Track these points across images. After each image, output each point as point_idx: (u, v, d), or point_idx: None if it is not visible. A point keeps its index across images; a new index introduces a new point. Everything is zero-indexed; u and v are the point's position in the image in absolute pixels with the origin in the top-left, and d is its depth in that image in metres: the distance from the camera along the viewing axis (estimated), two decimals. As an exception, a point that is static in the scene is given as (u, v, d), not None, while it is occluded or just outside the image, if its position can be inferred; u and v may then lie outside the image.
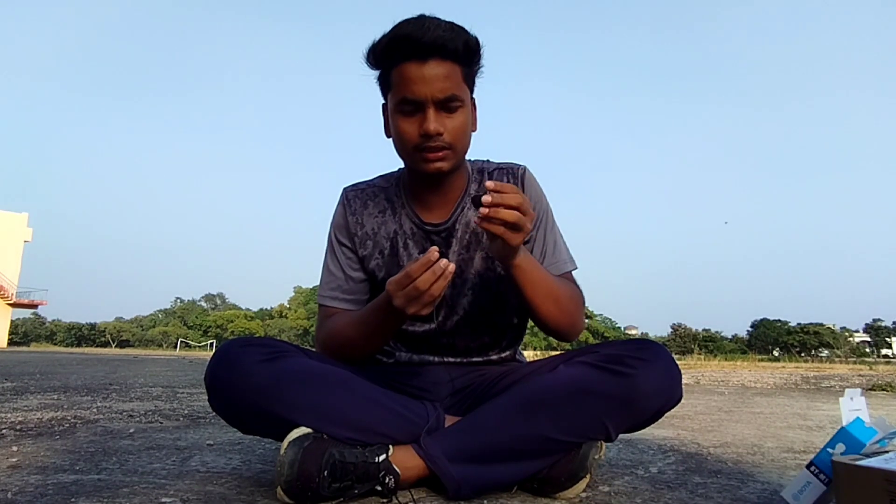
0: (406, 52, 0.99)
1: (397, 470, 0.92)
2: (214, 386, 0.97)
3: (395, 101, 1.03)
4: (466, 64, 1.04)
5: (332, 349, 1.12)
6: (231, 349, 0.98)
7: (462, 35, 1.01)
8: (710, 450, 1.52)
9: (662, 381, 0.97)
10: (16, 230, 34.93)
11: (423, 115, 1.01)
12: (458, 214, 1.15)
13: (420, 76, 0.99)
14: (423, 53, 0.99)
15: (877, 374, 6.87)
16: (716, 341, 58.09)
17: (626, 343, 1.02)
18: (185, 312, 73.65)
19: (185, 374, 5.37)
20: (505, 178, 1.18)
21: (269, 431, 0.98)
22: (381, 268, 1.16)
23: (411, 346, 1.19)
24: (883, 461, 0.73)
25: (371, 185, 1.22)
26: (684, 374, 6.55)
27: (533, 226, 1.12)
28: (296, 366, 0.97)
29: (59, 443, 1.45)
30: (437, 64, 0.99)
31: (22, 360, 8.24)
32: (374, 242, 1.17)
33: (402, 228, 1.16)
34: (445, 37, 0.99)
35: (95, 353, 18.92)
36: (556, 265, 1.15)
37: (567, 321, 1.09)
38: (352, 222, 1.18)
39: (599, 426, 0.95)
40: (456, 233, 1.15)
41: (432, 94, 0.99)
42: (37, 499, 0.91)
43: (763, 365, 12.37)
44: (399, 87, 1.02)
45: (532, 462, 0.96)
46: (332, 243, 1.20)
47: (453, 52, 1.00)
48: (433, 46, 0.98)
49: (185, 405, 2.49)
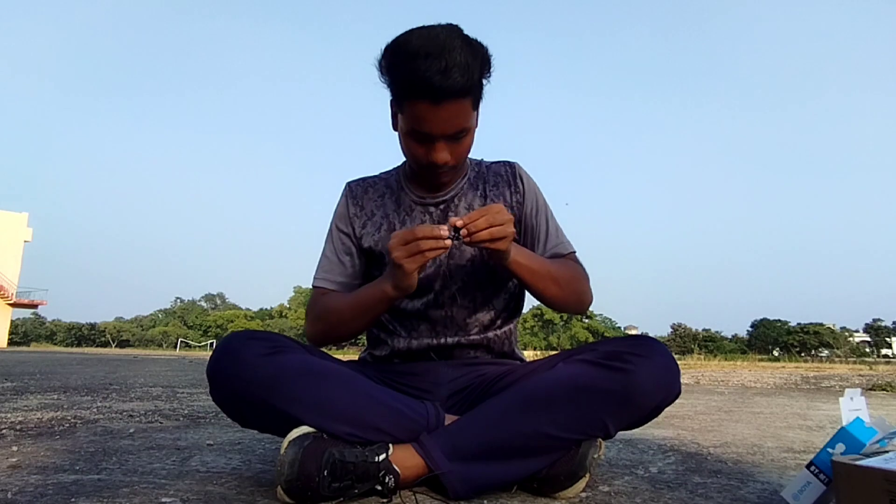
0: (421, 94, 0.99)
1: (397, 469, 0.91)
2: (216, 377, 0.97)
3: (405, 125, 1.06)
4: (477, 93, 1.05)
5: (324, 324, 1.15)
6: (234, 342, 0.98)
7: (476, 66, 0.99)
8: (710, 450, 1.52)
9: (660, 377, 0.97)
10: (16, 230, 34.95)
11: (432, 144, 1.05)
12: (458, 190, 1.21)
13: (432, 117, 1.00)
14: (438, 98, 0.98)
15: (877, 374, 6.87)
16: (716, 341, 58.10)
17: (623, 339, 1.02)
18: (185, 312, 73.66)
19: (185, 374, 5.37)
20: (502, 168, 1.26)
21: (269, 425, 0.99)
22: (380, 242, 1.19)
23: (409, 326, 1.18)
24: (883, 461, 0.73)
25: (372, 177, 1.29)
26: (684, 375, 6.52)
27: (532, 215, 1.23)
28: (297, 361, 0.98)
29: (59, 443, 1.45)
30: (451, 105, 0.99)
31: (22, 360, 8.24)
32: (373, 221, 1.22)
33: (401, 207, 1.21)
34: (460, 82, 0.97)
35: (95, 353, 18.93)
36: (561, 245, 1.23)
37: (573, 298, 1.16)
38: (352, 205, 1.24)
39: (599, 423, 0.96)
40: (454, 205, 1.20)
41: (443, 131, 1.03)
42: (37, 499, 0.91)
43: (763, 365, 12.37)
44: (410, 118, 1.03)
45: (532, 460, 0.96)
46: (331, 232, 1.25)
47: (466, 91, 1.00)
48: (448, 92, 0.97)
49: (185, 405, 2.49)
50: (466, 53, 0.97)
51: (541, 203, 1.25)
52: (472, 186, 1.23)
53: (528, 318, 56.61)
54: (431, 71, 0.95)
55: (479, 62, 1.00)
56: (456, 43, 0.97)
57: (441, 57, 0.95)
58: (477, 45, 1.01)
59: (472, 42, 1.00)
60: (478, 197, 1.22)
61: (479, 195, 1.22)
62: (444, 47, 0.96)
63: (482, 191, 1.22)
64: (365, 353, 1.28)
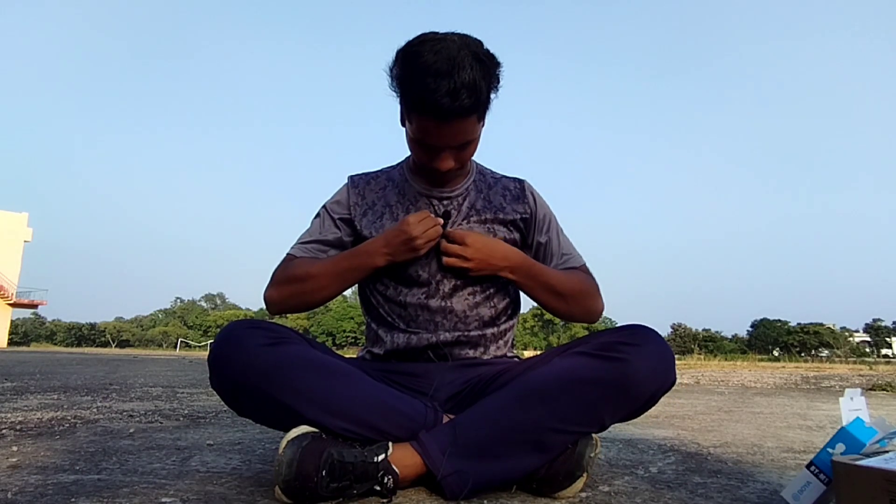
0: (428, 112, 1.01)
1: (396, 470, 0.91)
2: (217, 364, 0.97)
3: (411, 133, 1.09)
4: (485, 107, 1.07)
5: (293, 288, 1.15)
6: (237, 330, 0.98)
7: (486, 86, 1.01)
8: (710, 450, 1.52)
9: (655, 365, 0.97)
10: (16, 230, 34.92)
11: (437, 154, 1.09)
12: (463, 190, 1.23)
13: (438, 133, 1.05)
14: (446, 118, 1.01)
15: (877, 374, 6.87)
16: (716, 341, 58.11)
17: (617, 330, 1.02)
18: (185, 312, 73.69)
19: (185, 374, 5.37)
20: (511, 183, 1.29)
21: (266, 416, 0.99)
22: (380, 229, 1.19)
23: (407, 317, 1.18)
24: (883, 461, 0.73)
25: (373, 171, 1.31)
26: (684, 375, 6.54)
27: (543, 231, 1.26)
28: (299, 352, 0.98)
29: (59, 443, 1.45)
30: (457, 122, 1.03)
31: (22, 360, 8.24)
32: (374, 211, 1.23)
33: (405, 197, 1.23)
34: (469, 103, 0.99)
35: (95, 353, 18.92)
36: (572, 259, 1.26)
37: (579, 310, 1.20)
38: (353, 194, 1.24)
39: (596, 414, 0.96)
40: (458, 202, 1.22)
41: (448, 144, 1.07)
42: (37, 499, 0.91)
43: (763, 365, 12.37)
44: (417, 129, 1.06)
45: (530, 457, 0.96)
46: (321, 214, 1.26)
47: (475, 110, 1.02)
48: (455, 112, 0.99)
49: (185, 405, 2.49)
50: (476, 71, 0.99)
51: (550, 220, 1.28)
52: (477, 189, 1.25)
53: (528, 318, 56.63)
54: (440, 92, 0.97)
55: (489, 79, 1.03)
56: (466, 61, 0.98)
57: (451, 76, 0.96)
58: (488, 60, 1.02)
59: (483, 58, 1.01)
60: (480, 199, 1.23)
61: (483, 198, 1.24)
62: (455, 65, 0.97)
63: (486, 195, 1.24)
64: (363, 351, 1.28)
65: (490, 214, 1.22)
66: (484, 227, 1.21)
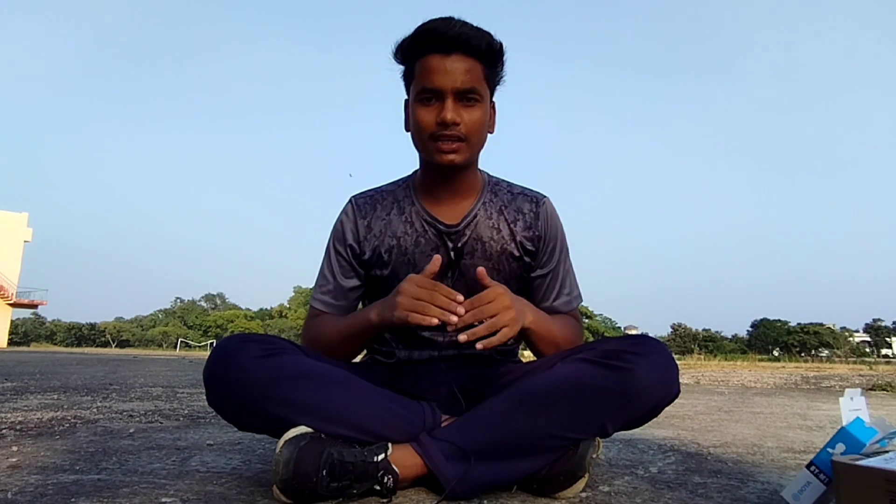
0: (430, 45, 1.05)
1: (396, 470, 0.91)
2: (212, 381, 0.97)
3: (416, 90, 1.08)
4: (488, 64, 1.09)
5: (313, 344, 1.15)
6: (229, 345, 0.98)
7: (486, 36, 1.07)
8: (710, 450, 1.52)
9: (659, 376, 0.96)
10: (16, 230, 34.92)
11: (441, 104, 1.06)
12: (469, 220, 1.16)
13: (442, 68, 1.04)
14: (447, 47, 1.04)
15: (877, 374, 6.88)
16: (716, 341, 58.11)
17: (622, 339, 1.02)
18: (185, 312, 73.64)
19: (185, 374, 5.37)
20: (527, 204, 1.20)
21: (266, 428, 0.98)
22: (388, 265, 1.17)
23: (409, 343, 1.20)
24: (883, 461, 0.73)
25: (378, 190, 1.24)
26: (684, 375, 6.53)
27: (548, 262, 1.20)
28: (293, 363, 0.97)
29: (59, 443, 1.45)
30: (460, 58, 1.05)
31: (22, 360, 8.24)
32: (381, 243, 1.18)
33: (412, 227, 1.17)
34: (470, 34, 1.04)
35: (95, 353, 18.93)
36: (568, 302, 1.22)
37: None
38: (361, 226, 1.19)
39: (598, 422, 0.95)
40: (463, 237, 1.16)
41: (452, 84, 1.04)
42: (37, 499, 0.91)
43: (763, 365, 12.38)
44: (421, 77, 1.07)
45: (531, 460, 0.96)
46: (328, 251, 1.22)
47: (476, 49, 1.06)
48: (457, 41, 1.04)
49: (185, 405, 2.49)
50: (476, 26, 1.07)
51: (560, 251, 1.22)
52: (486, 214, 1.18)
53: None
54: (439, 23, 1.04)
55: (490, 36, 1.07)
56: (466, 21, 1.06)
57: (449, 18, 1.06)
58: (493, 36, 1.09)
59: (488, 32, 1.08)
60: (488, 227, 1.17)
61: (492, 226, 1.17)
62: (452, 18, 1.06)
63: (495, 222, 1.17)
64: (367, 356, 1.29)
65: (498, 247, 1.17)
66: (489, 264, 1.16)
